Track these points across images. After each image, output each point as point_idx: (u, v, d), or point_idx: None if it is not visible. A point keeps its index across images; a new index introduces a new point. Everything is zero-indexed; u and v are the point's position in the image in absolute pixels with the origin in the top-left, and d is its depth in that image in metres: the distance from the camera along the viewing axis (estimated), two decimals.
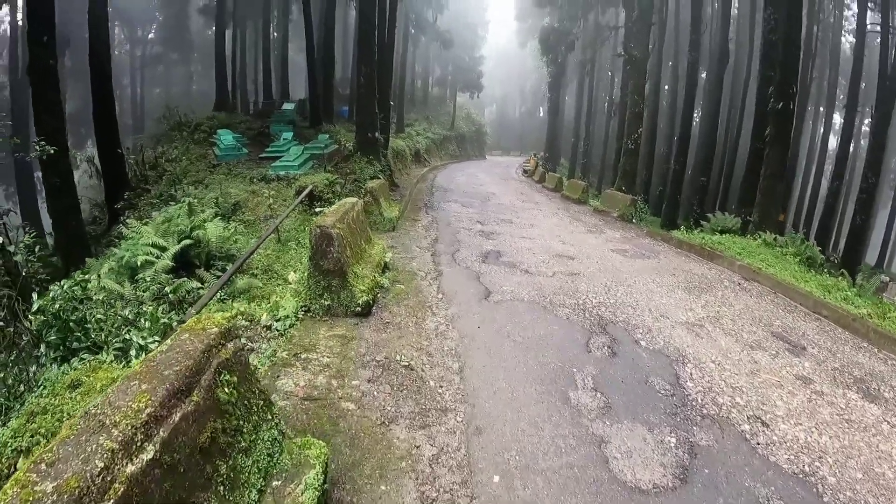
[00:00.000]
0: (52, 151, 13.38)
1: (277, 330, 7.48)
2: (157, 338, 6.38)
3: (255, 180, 21.28)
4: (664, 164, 43.40)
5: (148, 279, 9.42)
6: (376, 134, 24.06)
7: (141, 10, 65.95)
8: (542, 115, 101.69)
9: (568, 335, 7.81)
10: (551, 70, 51.24)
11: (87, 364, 5.32)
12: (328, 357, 6.69)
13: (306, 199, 16.84)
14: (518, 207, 21.79)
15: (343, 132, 32.47)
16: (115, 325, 6.82)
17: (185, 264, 11.07)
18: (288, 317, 7.77)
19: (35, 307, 6.64)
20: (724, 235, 16.12)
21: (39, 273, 10.74)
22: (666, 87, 47.89)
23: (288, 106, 38.02)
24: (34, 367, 6.06)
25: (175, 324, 6.64)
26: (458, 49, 62.16)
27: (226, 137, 28.59)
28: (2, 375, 5.84)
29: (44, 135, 15.66)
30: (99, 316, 6.77)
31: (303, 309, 8.09)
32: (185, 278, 10.17)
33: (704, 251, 14.30)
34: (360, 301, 8.11)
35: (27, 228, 11.84)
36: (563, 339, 7.67)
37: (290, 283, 9.94)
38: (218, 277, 10.38)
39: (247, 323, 7.66)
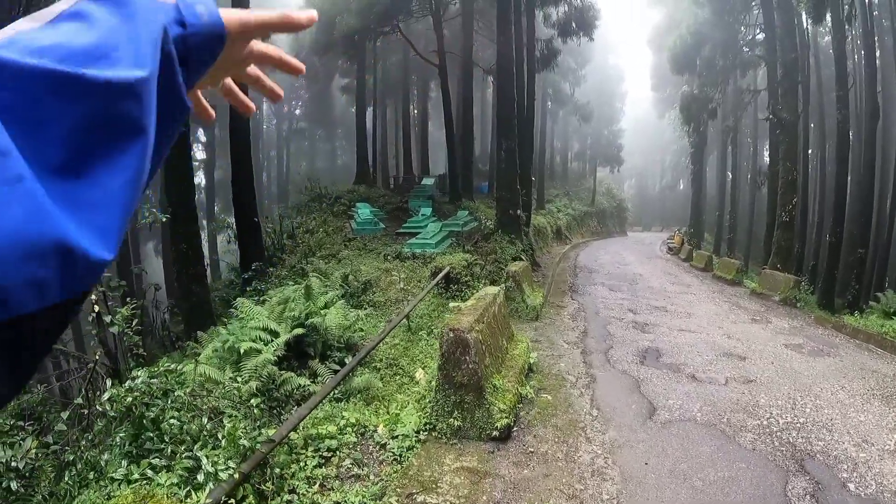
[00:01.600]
0: (163, 219, 12.86)
1: (392, 452, 6.28)
2: (232, 464, 5.26)
3: (389, 258, 20.46)
4: (815, 237, 40.22)
5: (251, 369, 8.39)
6: (518, 211, 22.94)
7: (287, 87, 68.24)
8: (682, 188, 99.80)
9: (760, 477, 6.18)
10: (693, 140, 49.11)
11: (138, 490, 4.51)
12: (451, 503, 5.34)
13: (442, 282, 15.70)
14: (670, 292, 20.26)
15: (483, 208, 31.76)
16: (192, 434, 5.83)
17: (298, 354, 10.04)
18: (408, 436, 6.59)
19: (106, 396, 5.94)
20: None
21: (139, 348, 9.97)
22: (809, 151, 44.67)
23: (427, 181, 37.84)
24: (107, 456, 5.50)
25: (259, 445, 5.48)
26: (597, 122, 61.55)
27: (363, 211, 28.27)
28: (72, 458, 5.50)
29: (173, 201, 15.42)
30: (173, 421, 5.79)
31: (427, 427, 6.87)
32: (293, 373, 9.11)
33: (886, 341, 12.36)
34: (498, 424, 6.82)
35: (130, 298, 11.26)
36: (755, 483, 6.04)
37: (418, 382, 8.73)
38: (334, 372, 9.32)
39: (355, 439, 6.46)
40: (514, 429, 7.17)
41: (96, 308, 10.11)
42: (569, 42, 34.65)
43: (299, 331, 9.60)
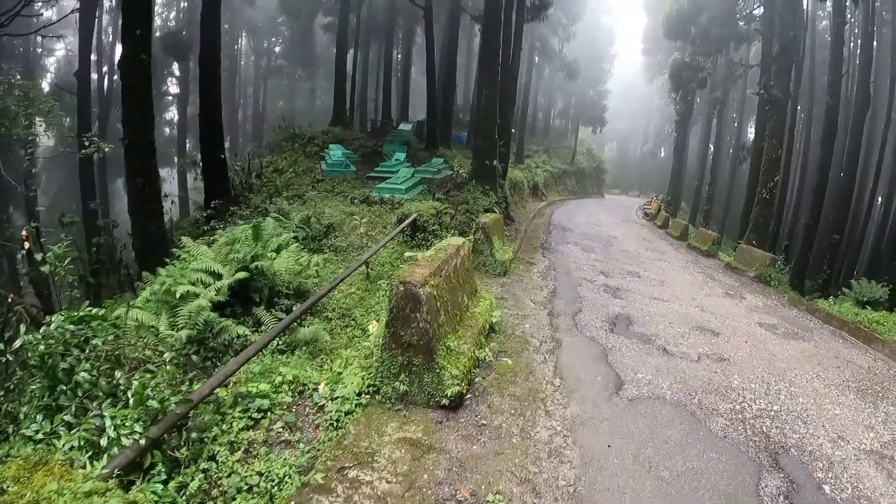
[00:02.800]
0: (106, 150, 11.95)
1: (330, 416, 5.61)
2: (138, 427, 4.57)
3: (356, 201, 19.57)
4: (792, 217, 40.00)
5: (185, 316, 7.60)
6: (494, 162, 22.12)
7: (268, 23, 66.94)
8: (662, 155, 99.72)
9: (731, 471, 5.59)
10: (679, 108, 48.40)
11: (29, 457, 3.80)
12: (387, 482, 4.72)
13: (408, 230, 14.87)
14: (644, 258, 19.81)
15: (460, 158, 30.82)
16: (104, 390, 5.19)
17: (244, 300, 9.24)
18: (348, 398, 5.88)
19: (17, 343, 5.35)
20: (876, 311, 13.78)
21: (74, 289, 9.17)
22: (795, 131, 44.41)
23: (405, 126, 37.01)
24: (25, 409, 5.09)
25: (174, 405, 4.76)
26: (583, 81, 60.80)
27: (335, 152, 27.38)
28: None
29: (129, 132, 14.49)
30: (84, 374, 5.11)
31: (370, 389, 6.17)
32: (233, 320, 8.33)
33: (860, 331, 11.92)
34: (448, 392, 6.12)
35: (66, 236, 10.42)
36: (726, 477, 5.46)
37: (370, 336, 8.01)
38: (279, 321, 8.57)
39: (291, 398, 5.77)
40: (468, 396, 6.52)
41: (26, 245, 9.24)
42: None
43: (242, 275, 8.68)
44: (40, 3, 41.93)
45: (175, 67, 59.83)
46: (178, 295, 7.83)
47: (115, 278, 17.67)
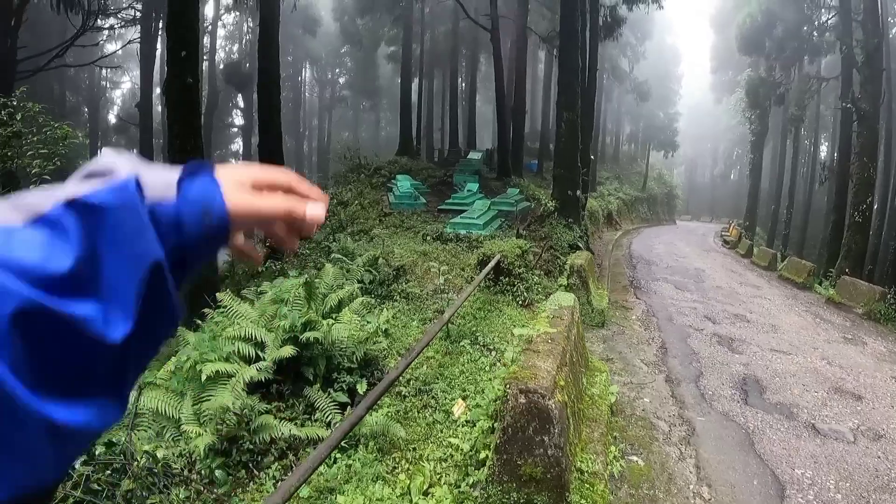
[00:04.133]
0: None
1: None
2: None
3: (428, 238, 17.77)
4: (874, 240, 37.55)
5: (211, 413, 5.74)
6: (577, 192, 20.31)
7: (331, 54, 67.12)
8: (733, 178, 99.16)
9: None
10: (754, 128, 46.75)
11: None
12: None
13: (491, 273, 12.90)
14: (741, 295, 18.13)
15: (532, 187, 29.43)
16: None
17: (294, 375, 7.28)
18: None
19: None
20: None
21: None
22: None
23: (474, 155, 35.73)
24: None
25: None
26: (653, 104, 59.37)
27: (403, 183, 25.90)
28: None
29: (178, 163, 13.00)
30: None
31: None
32: (275, 410, 6.50)
33: None
34: None
35: None
36: None
37: (456, 421, 6.19)
38: (340, 407, 6.76)
39: None
40: None
41: None
42: (634, 10, 31.81)
43: (289, 351, 6.73)
44: (105, 37, 42.19)
45: (239, 99, 59.78)
46: (203, 378, 5.99)
47: None
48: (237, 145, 68.73)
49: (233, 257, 0.87)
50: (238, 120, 64.38)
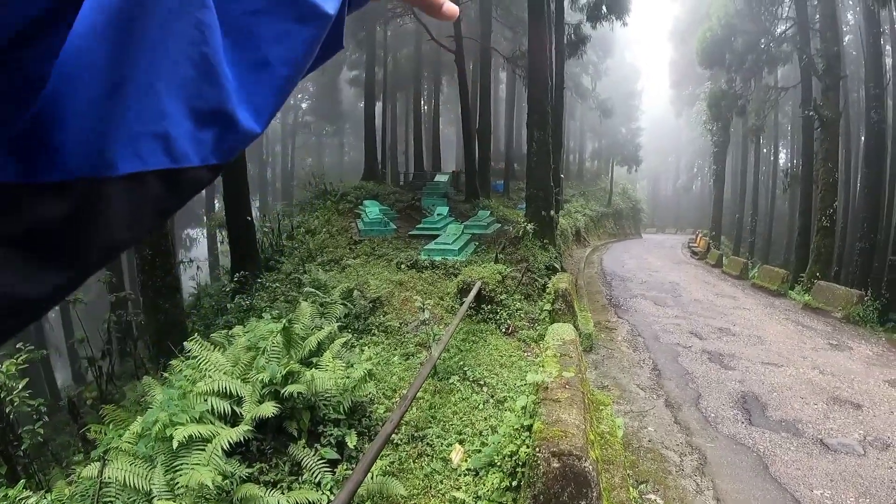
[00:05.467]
0: None
1: None
2: None
3: (402, 266, 17.05)
4: (840, 242, 38.07)
5: (186, 488, 5.10)
6: (552, 212, 19.93)
7: None
8: (696, 189, 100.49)
9: None
10: (716, 139, 47.18)
11: None
12: None
13: (473, 301, 12.36)
14: (720, 307, 18.44)
15: (502, 208, 29.41)
16: None
17: (276, 430, 6.60)
18: None
19: None
20: None
21: (39, 411, 6.88)
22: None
23: (441, 177, 35.41)
24: None
25: None
26: (615, 120, 59.67)
27: (372, 209, 25.25)
28: None
29: None
30: None
31: None
32: (260, 467, 5.93)
33: None
34: None
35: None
36: None
37: (455, 469, 5.71)
38: (329, 464, 6.20)
39: None
40: None
41: None
42: (598, 28, 31.84)
43: (270, 410, 6.07)
44: None
45: None
46: (175, 444, 5.33)
47: (130, 363, 15.57)
48: None
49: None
50: None
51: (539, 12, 20.67)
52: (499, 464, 5.81)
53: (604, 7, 29.89)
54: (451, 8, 0.77)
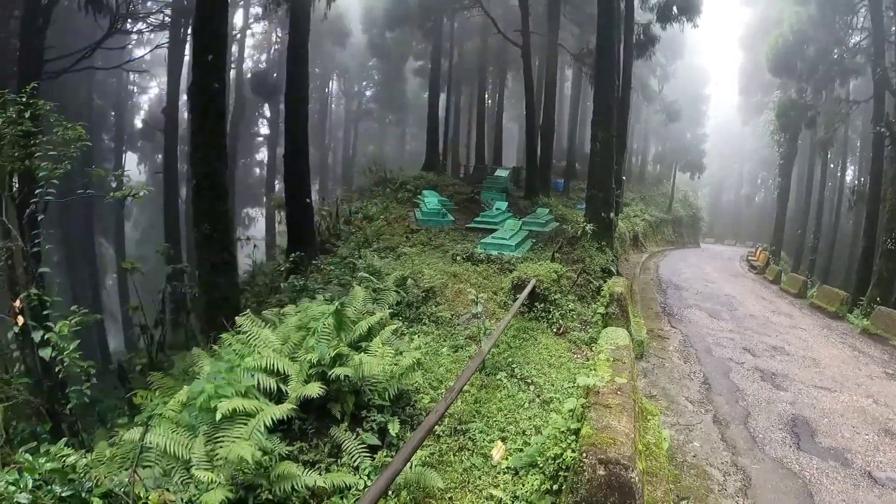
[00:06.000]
0: (141, 195, 9.96)
1: None
2: None
3: (458, 258, 17.05)
4: None
5: (223, 459, 5.14)
6: (611, 214, 19.68)
7: (358, 67, 67.28)
8: (758, 201, 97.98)
9: None
10: (783, 151, 45.82)
11: None
12: None
13: (525, 299, 12.25)
14: (776, 324, 17.73)
15: (560, 207, 29.13)
16: None
17: (318, 411, 6.65)
18: None
19: None
20: None
21: (88, 373, 6.97)
22: None
23: (501, 172, 35.19)
24: None
25: None
26: (681, 124, 58.54)
27: (430, 199, 25.36)
28: None
29: (198, 172, 12.83)
30: None
31: None
32: (300, 446, 6.07)
33: None
34: None
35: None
36: None
37: (496, 466, 6.02)
38: (370, 450, 6.30)
39: None
40: None
41: (19, 319, 6.93)
42: (667, 29, 31.33)
43: (316, 390, 6.09)
44: (133, 41, 42.30)
45: (266, 108, 59.72)
46: (219, 416, 5.36)
47: (181, 333, 15.81)
48: (262, 154, 68.66)
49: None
50: (264, 129, 64.33)
51: (609, 10, 20.44)
52: (541, 465, 5.72)
53: (674, 7, 29.45)
54: None
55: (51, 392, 7.62)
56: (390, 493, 5.67)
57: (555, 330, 12.48)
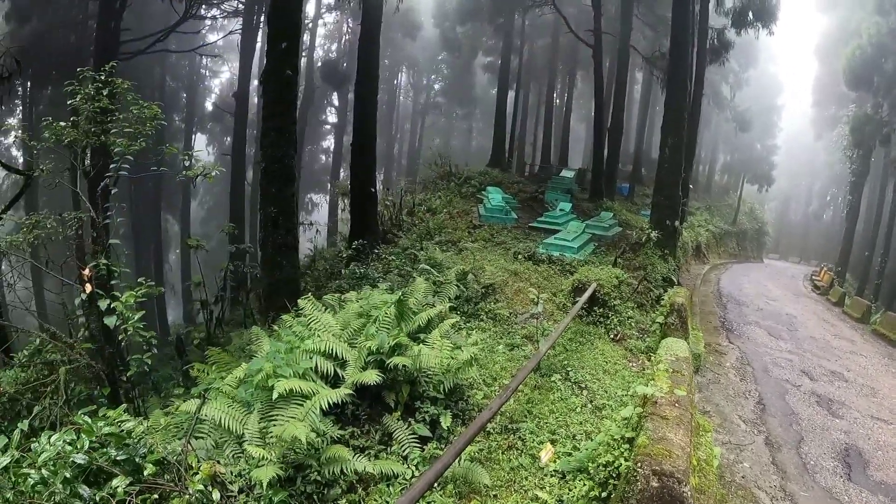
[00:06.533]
0: (213, 174, 10.15)
1: None
2: None
3: (519, 257, 17.14)
4: None
5: (280, 439, 5.28)
6: (676, 222, 19.40)
7: (428, 60, 67.48)
8: (826, 219, 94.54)
9: None
10: (855, 168, 44.51)
11: None
12: None
13: (585, 302, 12.16)
14: (836, 349, 17.27)
15: (624, 212, 28.83)
16: None
17: (373, 398, 6.84)
18: None
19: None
20: None
21: (150, 342, 7.09)
22: None
23: (567, 173, 34.83)
24: None
25: None
26: (751, 134, 57.20)
27: (494, 196, 25.43)
28: None
29: (267, 155, 13.19)
30: None
31: None
32: (352, 431, 6.21)
33: None
34: None
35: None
36: None
37: (544, 467, 6.09)
38: (420, 440, 6.42)
39: None
40: None
41: (87, 287, 7.08)
42: (742, 35, 30.62)
43: (374, 377, 6.15)
44: (207, 26, 43.15)
45: (334, 97, 60.31)
46: (275, 395, 5.46)
47: (240, 312, 16.08)
48: (328, 142, 69.41)
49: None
50: (332, 118, 64.97)
51: (683, 13, 20.20)
52: (591, 471, 5.70)
53: (750, 13, 28.82)
54: None
55: (111, 358, 7.82)
56: (436, 485, 5.67)
57: (612, 336, 12.42)
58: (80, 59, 28.05)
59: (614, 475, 5.40)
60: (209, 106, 60.32)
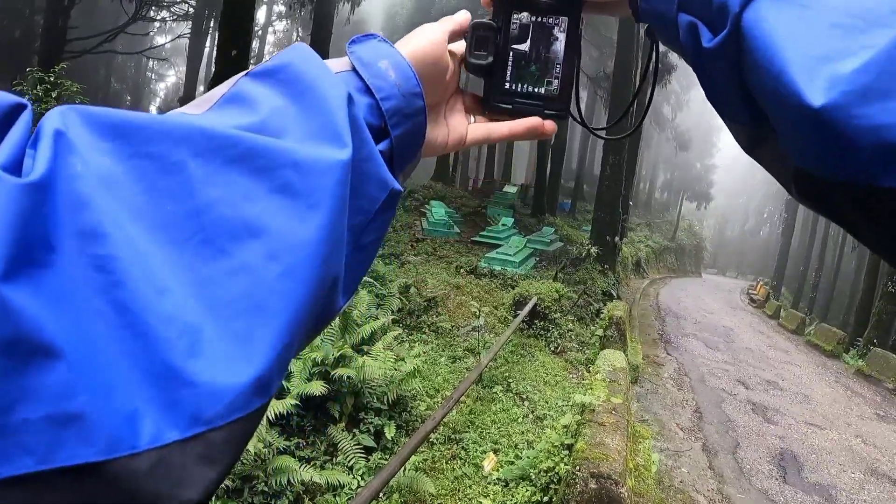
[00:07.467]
0: None
1: None
2: None
3: (461, 270, 17.36)
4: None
5: None
6: (616, 238, 19.87)
7: None
8: (763, 235, 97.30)
9: None
10: None
11: None
12: None
13: (526, 316, 12.43)
14: (772, 359, 17.96)
15: (565, 227, 29.29)
16: None
17: (317, 409, 6.84)
18: None
19: None
20: None
21: None
22: None
23: (510, 188, 35.21)
24: None
25: None
26: (691, 153, 58.60)
27: (438, 210, 25.50)
28: None
29: None
30: None
31: None
32: (297, 441, 6.26)
33: None
34: None
35: None
36: None
37: (487, 477, 6.06)
38: (365, 451, 6.50)
39: None
40: None
41: None
42: (682, 62, 31.36)
43: (318, 388, 6.26)
44: (155, 28, 42.77)
45: None
46: None
47: None
48: None
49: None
50: None
51: (629, 36, 20.76)
52: (532, 478, 5.85)
53: None
54: (550, 125, 0.78)
55: None
56: (382, 494, 5.79)
57: (552, 348, 12.65)
58: (26, 53, 27.63)
59: (555, 480, 5.58)
60: (153, 110, 59.73)
